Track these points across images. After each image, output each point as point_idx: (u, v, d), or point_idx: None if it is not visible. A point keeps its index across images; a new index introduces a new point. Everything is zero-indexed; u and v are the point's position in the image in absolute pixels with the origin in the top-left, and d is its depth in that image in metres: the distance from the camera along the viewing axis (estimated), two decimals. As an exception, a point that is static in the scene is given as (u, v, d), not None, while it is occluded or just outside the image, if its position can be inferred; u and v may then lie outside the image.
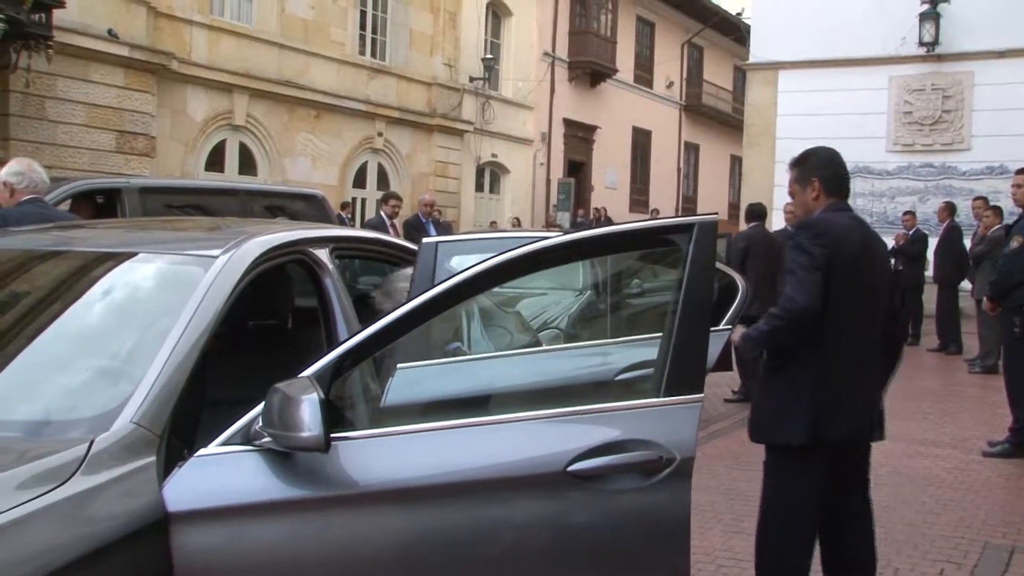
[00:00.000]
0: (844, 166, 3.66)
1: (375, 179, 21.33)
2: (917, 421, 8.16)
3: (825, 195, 3.55)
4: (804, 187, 3.58)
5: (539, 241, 2.45)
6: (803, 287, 3.31)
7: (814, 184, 3.55)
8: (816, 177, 3.55)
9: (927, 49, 18.52)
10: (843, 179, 3.63)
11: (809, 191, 3.56)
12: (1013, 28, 17.75)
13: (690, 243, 2.38)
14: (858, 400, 3.51)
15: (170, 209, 7.41)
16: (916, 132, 18.91)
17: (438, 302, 2.42)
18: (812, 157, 3.63)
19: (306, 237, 3.21)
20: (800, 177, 3.60)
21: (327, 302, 3.14)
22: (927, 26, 18.41)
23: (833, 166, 3.61)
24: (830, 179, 3.58)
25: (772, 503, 3.54)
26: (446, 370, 3.09)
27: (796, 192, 3.63)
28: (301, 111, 18.95)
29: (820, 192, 3.55)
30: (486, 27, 24.84)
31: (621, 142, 30.27)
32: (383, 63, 21.27)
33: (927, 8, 18.42)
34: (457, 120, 23.02)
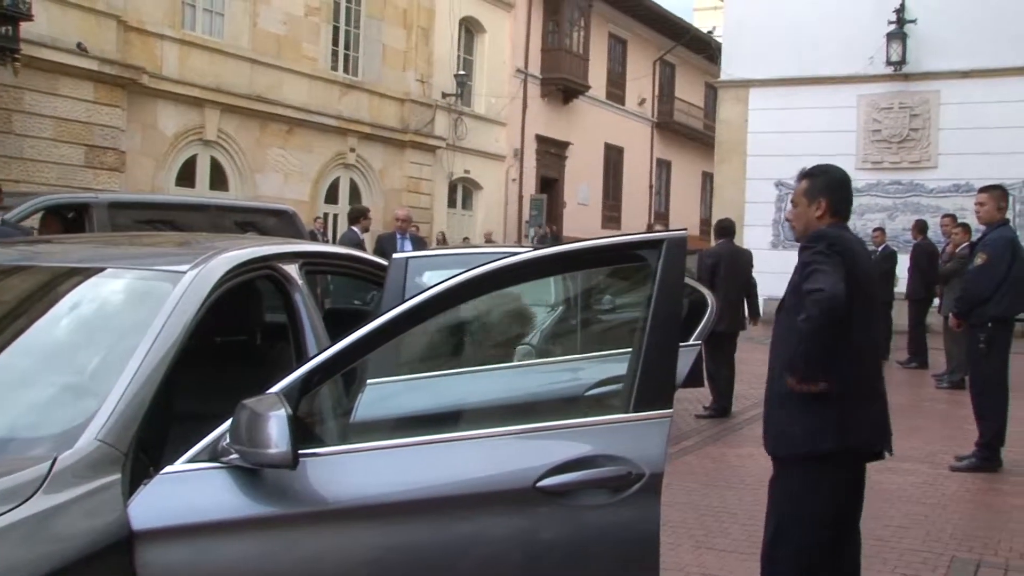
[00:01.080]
0: (851, 191, 3.72)
1: (347, 195, 21.29)
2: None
3: (830, 215, 3.59)
4: (811, 203, 3.61)
5: (509, 257, 2.45)
6: (827, 276, 3.32)
7: (821, 203, 3.59)
8: (825, 197, 3.59)
9: (894, 68, 18.81)
10: (849, 203, 3.69)
11: (815, 208, 3.59)
12: (977, 48, 18.07)
13: (659, 259, 2.39)
14: (878, 409, 3.58)
15: (140, 224, 7.36)
16: (884, 150, 19.16)
17: (406, 318, 2.42)
18: (825, 175, 3.66)
19: (275, 252, 3.20)
20: (809, 191, 3.63)
21: (296, 318, 3.12)
22: (894, 46, 18.70)
23: (843, 189, 3.67)
24: (839, 201, 3.63)
25: (797, 519, 3.47)
26: (417, 386, 3.09)
27: (800, 204, 3.66)
28: (273, 126, 18.91)
29: (826, 212, 3.59)
30: (459, 43, 24.93)
31: (593, 158, 30.42)
32: (355, 79, 21.28)
33: (894, 28, 18.71)
34: (430, 136, 23.04)
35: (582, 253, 2.53)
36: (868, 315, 3.53)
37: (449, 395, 2.97)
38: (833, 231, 3.55)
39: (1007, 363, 7.04)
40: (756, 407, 9.14)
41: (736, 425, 8.44)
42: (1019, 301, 7.01)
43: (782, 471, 3.58)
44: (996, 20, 17.89)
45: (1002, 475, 6.85)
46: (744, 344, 15.55)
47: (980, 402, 7.04)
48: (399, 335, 2.50)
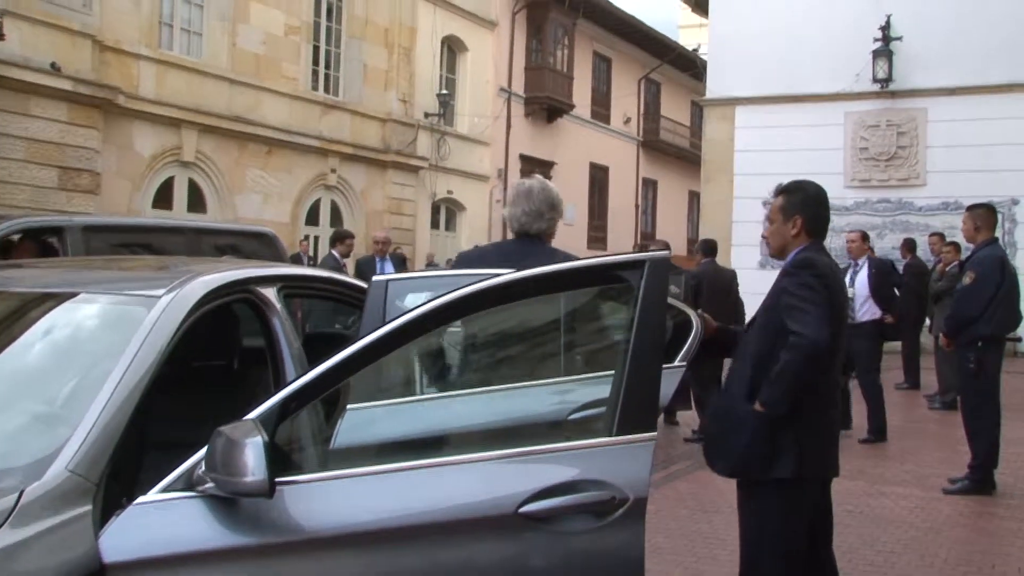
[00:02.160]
0: (828, 210, 3.72)
1: (328, 216, 21.28)
2: (877, 459, 8.24)
3: (806, 234, 3.60)
4: (787, 220, 3.61)
5: (490, 278, 2.46)
6: (812, 320, 3.34)
7: (797, 221, 3.59)
8: (801, 215, 3.60)
9: (881, 85, 18.97)
10: (826, 221, 3.70)
11: (791, 226, 3.60)
12: (964, 66, 18.25)
13: (641, 280, 2.40)
14: (833, 435, 3.61)
15: (115, 248, 7.33)
16: (872, 168, 19.29)
17: (386, 342, 2.42)
18: (801, 192, 3.66)
19: (253, 276, 3.20)
20: (785, 208, 3.63)
21: (274, 342, 3.12)
22: (880, 63, 18.88)
23: (820, 207, 3.67)
24: (814, 219, 3.63)
25: (765, 543, 3.48)
26: (398, 410, 3.08)
27: (776, 221, 3.66)
28: (252, 147, 18.91)
29: (801, 230, 3.60)
30: (441, 63, 25.03)
31: (579, 178, 30.53)
32: (336, 98, 21.32)
33: (880, 45, 18.89)
34: (412, 156, 23.08)
35: (563, 275, 2.54)
36: (838, 344, 3.54)
37: (430, 419, 2.96)
38: (819, 259, 3.55)
39: (998, 383, 7.07)
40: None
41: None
42: (1009, 320, 7.05)
43: (749, 497, 3.58)
44: (982, 37, 18.09)
45: (996, 498, 6.86)
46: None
47: (972, 423, 7.05)
48: (379, 359, 2.49)
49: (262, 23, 19.02)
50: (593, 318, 2.82)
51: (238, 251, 8.22)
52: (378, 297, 3.15)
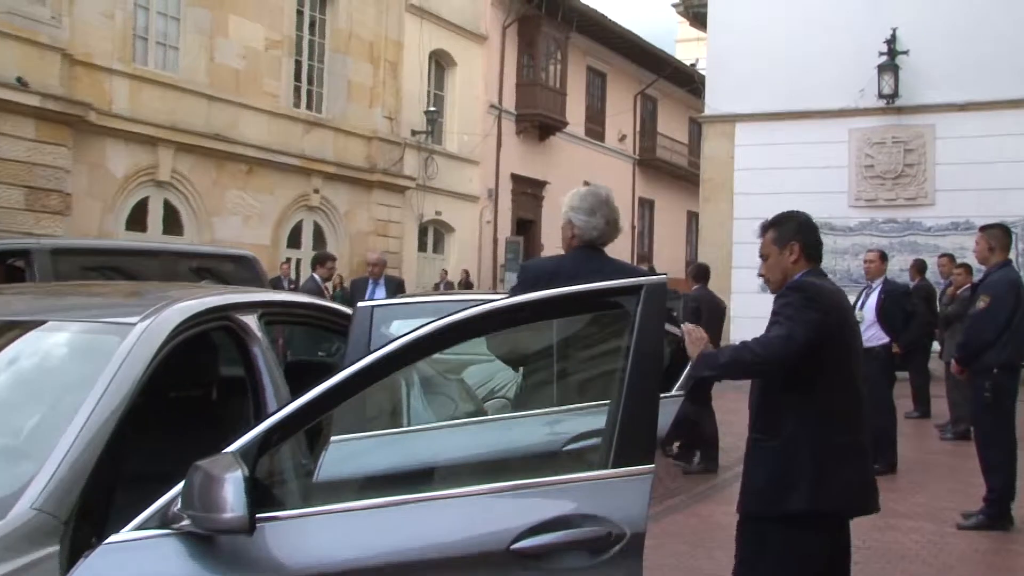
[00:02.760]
0: (820, 234, 3.82)
1: (311, 238, 21.29)
2: (886, 491, 8.15)
3: (805, 260, 3.64)
4: (782, 249, 3.66)
5: (482, 304, 2.46)
6: (779, 340, 3.39)
7: (794, 248, 3.64)
8: (797, 242, 3.65)
9: (887, 101, 19.06)
10: (821, 246, 3.78)
11: (788, 254, 3.64)
12: (973, 80, 18.34)
13: (638, 305, 2.41)
14: (857, 468, 3.55)
15: (86, 272, 7.30)
16: (878, 186, 19.36)
17: (374, 370, 2.42)
18: (792, 220, 3.74)
19: (233, 302, 3.21)
20: (779, 239, 3.68)
21: (255, 371, 3.12)
22: (886, 78, 18.98)
23: (814, 233, 3.76)
24: (811, 245, 3.70)
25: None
26: (384, 442, 3.08)
27: (772, 254, 3.70)
28: (231, 166, 18.93)
29: (800, 256, 3.65)
30: (429, 78, 25.14)
31: (573, 198, 30.63)
32: (319, 115, 21.38)
33: (885, 60, 18.98)
34: (398, 176, 23.13)
35: (556, 301, 2.54)
36: (845, 370, 3.54)
37: (418, 452, 2.96)
38: (812, 283, 3.59)
39: (1014, 413, 7.05)
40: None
41: (725, 482, 8.42)
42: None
43: (752, 531, 3.51)
44: (993, 51, 18.20)
45: (1013, 534, 6.83)
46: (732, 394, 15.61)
47: (987, 455, 7.01)
48: (365, 389, 2.49)
49: (241, 37, 19.10)
50: (587, 346, 2.82)
51: (216, 275, 8.21)
52: (363, 324, 3.16)
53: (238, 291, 3.67)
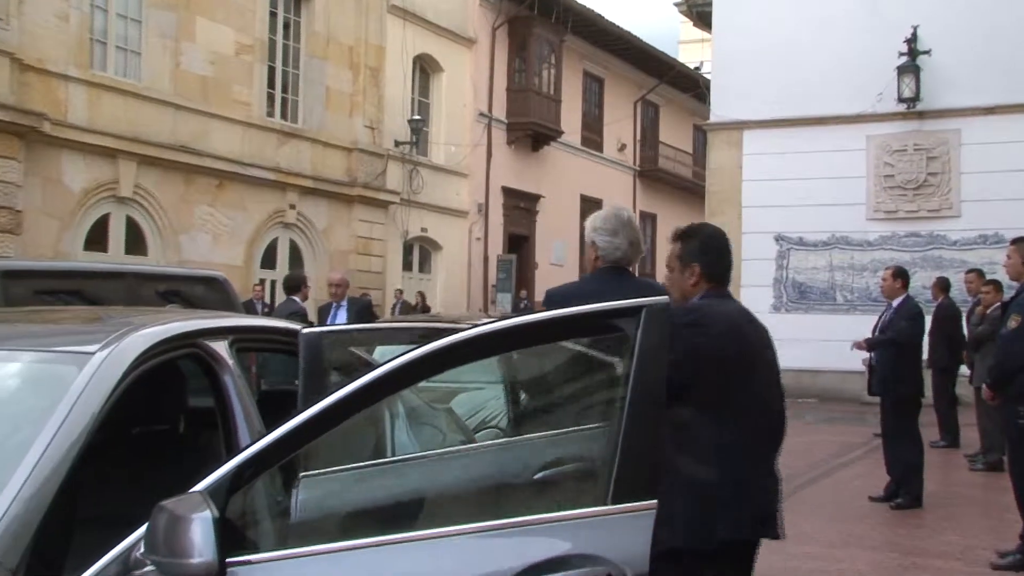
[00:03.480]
0: (729, 252, 3.83)
1: (286, 258, 21.29)
2: (911, 528, 8.22)
3: (705, 281, 3.70)
4: (684, 269, 3.72)
5: (464, 329, 2.46)
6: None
7: (694, 269, 3.70)
8: (698, 262, 3.71)
9: (907, 106, 19.11)
10: (727, 267, 3.80)
11: (688, 275, 3.70)
12: (1001, 82, 18.36)
13: (638, 329, 2.42)
14: (754, 492, 3.58)
15: (41, 296, 7.29)
16: (899, 197, 19.40)
17: (354, 400, 2.42)
18: (696, 239, 3.77)
19: (202, 328, 3.22)
20: (682, 255, 3.74)
21: (226, 403, 3.12)
22: (906, 80, 19.02)
23: (718, 253, 3.78)
24: (713, 266, 3.74)
25: None
26: (368, 477, 3.07)
27: (675, 269, 3.76)
28: (200, 180, 18.94)
29: (700, 279, 3.71)
30: (413, 85, 25.22)
31: (568, 213, 30.67)
32: (295, 125, 21.42)
33: (906, 60, 19.02)
34: (381, 190, 23.17)
35: (549, 324, 2.54)
36: (743, 397, 3.54)
37: (402, 487, 2.96)
38: (708, 305, 3.65)
39: (1051, 440, 7.04)
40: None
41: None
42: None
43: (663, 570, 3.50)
44: (1022, 49, 18.23)
45: (1050, 573, 6.82)
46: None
47: (1022, 487, 7.00)
48: (345, 421, 2.49)
49: (209, 41, 19.15)
50: (584, 372, 2.83)
51: (184, 299, 8.19)
52: (311, 351, 3.12)
53: (207, 316, 3.67)
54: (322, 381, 3.08)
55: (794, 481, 9.72)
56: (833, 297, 19.69)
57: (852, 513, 8.66)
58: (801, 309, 19.65)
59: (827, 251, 19.76)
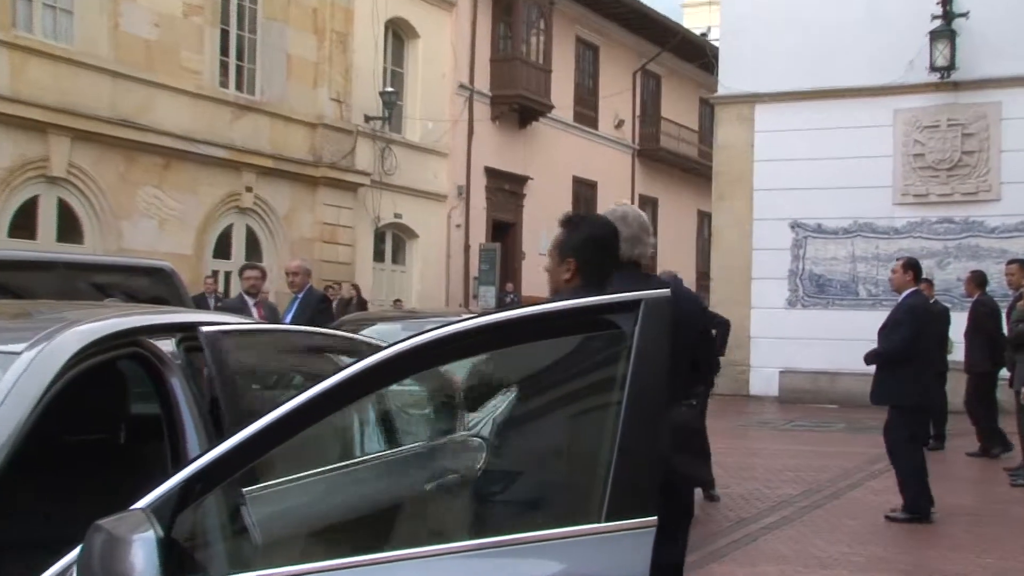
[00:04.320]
0: (614, 252, 3.89)
1: (243, 247, 21.23)
2: (945, 549, 8.25)
3: (579, 279, 3.76)
4: (561, 261, 3.75)
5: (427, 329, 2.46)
6: None
7: (570, 264, 3.75)
8: (574, 258, 3.76)
9: (941, 75, 19.11)
10: (606, 267, 3.85)
11: (564, 269, 3.72)
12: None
13: (635, 325, 2.42)
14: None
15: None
16: (930, 179, 19.42)
17: (318, 406, 2.41)
18: (579, 230, 3.82)
19: (145, 325, 3.22)
20: (560, 246, 3.78)
21: (172, 409, 3.11)
22: (940, 47, 18.99)
23: (600, 251, 3.85)
24: (590, 265, 3.80)
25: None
26: (333, 492, 3.08)
27: (553, 259, 3.77)
28: (143, 159, 18.87)
29: (574, 276, 3.77)
30: (386, 53, 25.16)
31: (559, 197, 30.63)
32: (251, 98, 21.36)
33: (940, 25, 18.98)
34: (349, 171, 23.13)
35: (535, 321, 2.54)
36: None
37: (374, 500, 2.96)
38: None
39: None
40: (775, 511, 9.17)
41: (748, 537, 8.44)
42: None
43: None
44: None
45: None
46: (756, 432, 15.67)
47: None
48: (308, 428, 2.49)
49: (153, 1, 19.05)
50: (576, 374, 2.83)
51: (125, 292, 8.17)
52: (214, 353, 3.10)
53: (152, 311, 3.66)
54: (234, 386, 3.08)
55: (812, 497, 9.76)
56: (855, 291, 19.75)
57: (878, 533, 8.69)
58: (819, 304, 19.70)
59: (849, 239, 19.81)
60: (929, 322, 9.31)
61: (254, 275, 10.86)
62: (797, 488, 10.09)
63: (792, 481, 10.59)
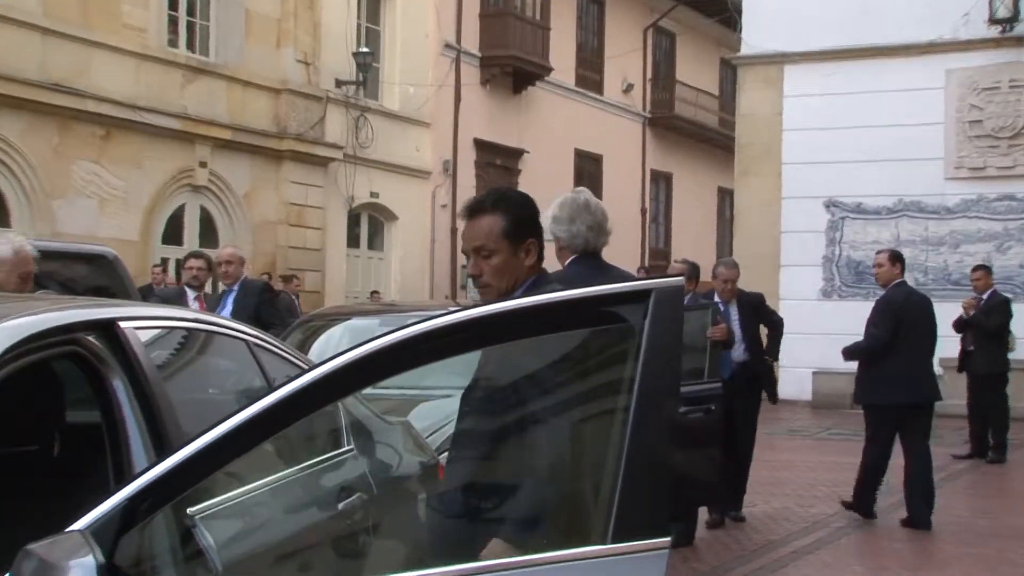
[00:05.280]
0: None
1: (196, 230, 21.21)
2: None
3: (537, 259, 3.80)
4: (516, 249, 3.73)
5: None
6: None
7: (531, 246, 3.74)
8: (534, 236, 3.76)
9: (1002, 29, 19.04)
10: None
11: (523, 254, 3.73)
12: None
13: (645, 318, 2.42)
14: None
15: None
16: (989, 150, 19.35)
17: (283, 412, 2.42)
18: (519, 207, 3.80)
19: (84, 320, 3.21)
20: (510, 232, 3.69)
21: (115, 416, 3.11)
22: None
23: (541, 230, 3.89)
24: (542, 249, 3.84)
25: None
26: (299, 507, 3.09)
27: (497, 252, 3.77)
28: (80, 130, 18.82)
29: (539, 260, 3.80)
30: (360, 8, 25.11)
31: (559, 172, 30.64)
32: (205, 59, 21.32)
33: (1000, -30, 18.94)
34: (318, 143, 23.12)
35: (529, 314, 2.54)
36: None
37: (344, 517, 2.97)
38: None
39: None
40: (808, 533, 9.18)
41: (780, 561, 8.46)
42: None
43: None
44: None
45: None
46: (784, 440, 15.65)
47: None
48: (271, 438, 2.49)
49: (93, -52, 19.00)
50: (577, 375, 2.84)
51: (60, 282, 8.17)
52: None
53: (91, 304, 3.65)
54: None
55: (851, 516, 9.76)
56: (901, 280, 19.71)
57: (928, 559, 8.70)
58: (859, 295, 19.65)
59: (893, 220, 19.78)
60: (911, 315, 9.60)
61: (198, 264, 10.77)
62: (833, 506, 10.09)
63: (827, 498, 10.60)
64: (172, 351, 3.95)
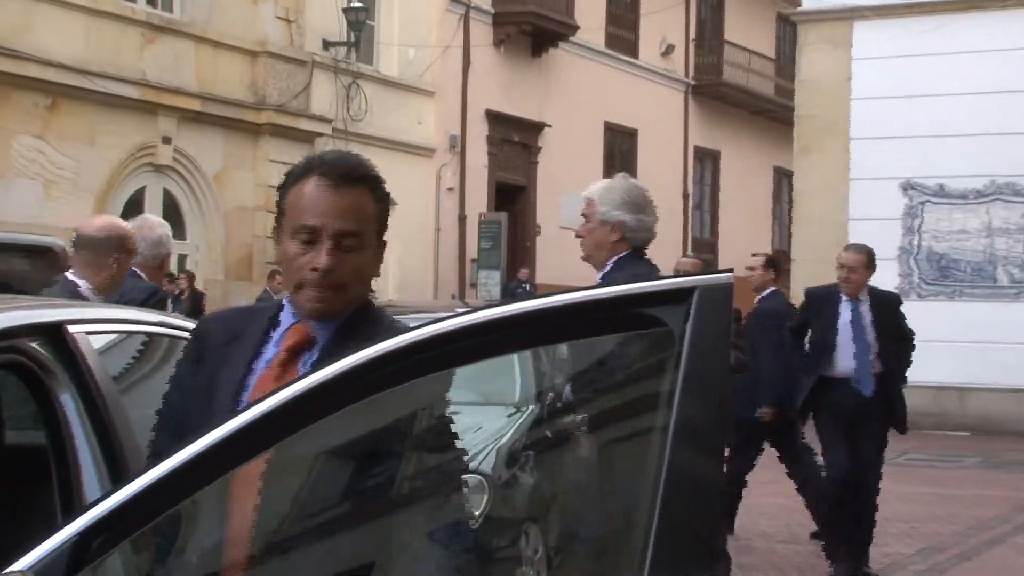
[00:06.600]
0: None
1: (159, 216, 21.22)
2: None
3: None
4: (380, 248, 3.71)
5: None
6: None
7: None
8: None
9: None
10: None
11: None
12: None
13: (686, 322, 2.41)
14: None
15: None
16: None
17: (261, 431, 2.43)
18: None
19: (25, 324, 3.23)
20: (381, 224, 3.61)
21: (62, 434, 3.13)
22: None
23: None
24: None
25: None
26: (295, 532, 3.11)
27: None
28: (20, 99, 18.88)
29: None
30: (350, -46, 25.19)
31: (586, 150, 30.67)
32: (169, 16, 21.38)
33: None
34: (303, 115, 23.16)
35: (554, 316, 2.53)
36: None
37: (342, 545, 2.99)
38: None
39: None
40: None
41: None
42: None
43: None
44: None
45: None
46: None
47: None
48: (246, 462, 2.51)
49: None
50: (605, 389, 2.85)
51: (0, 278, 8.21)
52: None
53: (33, 304, 3.67)
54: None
55: (934, 558, 9.77)
56: (992, 275, 19.66)
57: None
58: (943, 294, 19.64)
59: (984, 205, 19.73)
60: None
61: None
62: (912, 545, 10.11)
63: (905, 536, 10.61)
64: (129, 359, 3.96)
